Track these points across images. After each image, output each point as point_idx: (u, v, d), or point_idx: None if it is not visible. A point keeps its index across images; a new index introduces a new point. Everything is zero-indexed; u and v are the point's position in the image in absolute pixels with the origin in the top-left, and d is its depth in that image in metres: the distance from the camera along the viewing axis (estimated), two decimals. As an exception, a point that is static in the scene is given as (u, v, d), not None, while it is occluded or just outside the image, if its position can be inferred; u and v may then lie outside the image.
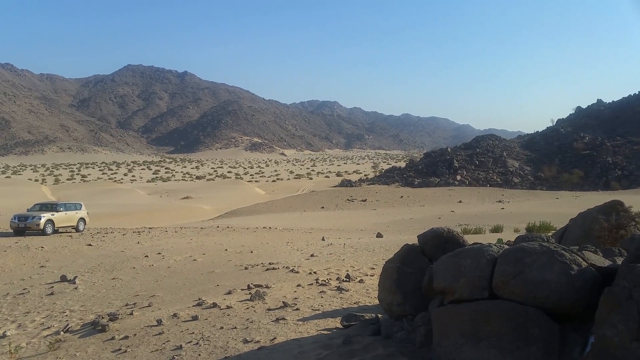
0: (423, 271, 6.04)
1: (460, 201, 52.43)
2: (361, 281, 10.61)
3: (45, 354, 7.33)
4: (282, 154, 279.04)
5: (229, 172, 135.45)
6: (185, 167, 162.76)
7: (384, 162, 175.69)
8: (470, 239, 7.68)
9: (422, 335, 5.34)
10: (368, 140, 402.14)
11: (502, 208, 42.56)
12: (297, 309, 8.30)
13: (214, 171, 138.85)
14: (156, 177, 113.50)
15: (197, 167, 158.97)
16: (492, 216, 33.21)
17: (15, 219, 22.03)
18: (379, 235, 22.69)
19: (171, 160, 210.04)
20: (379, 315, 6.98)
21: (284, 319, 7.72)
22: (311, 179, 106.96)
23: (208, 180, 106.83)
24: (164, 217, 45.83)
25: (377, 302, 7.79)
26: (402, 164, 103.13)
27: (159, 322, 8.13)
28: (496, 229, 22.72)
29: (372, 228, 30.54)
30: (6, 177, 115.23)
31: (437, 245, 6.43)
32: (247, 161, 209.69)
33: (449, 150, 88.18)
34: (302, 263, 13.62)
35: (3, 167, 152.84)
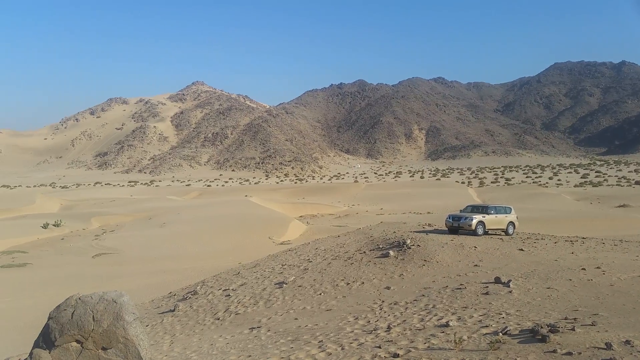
0: None
1: None
2: None
3: (486, 351, 7.82)
4: None
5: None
6: (620, 170, 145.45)
7: None
8: None
9: None
10: None
11: None
12: None
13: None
14: (585, 182, 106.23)
15: (636, 171, 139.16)
16: None
17: (449, 218, 25.10)
18: None
19: (602, 162, 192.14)
20: None
21: None
22: None
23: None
24: (596, 227, 42.16)
25: None
26: None
27: (608, 346, 7.36)
28: None
29: None
30: (436, 179, 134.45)
31: None
32: None
33: None
34: None
35: (434, 170, 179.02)
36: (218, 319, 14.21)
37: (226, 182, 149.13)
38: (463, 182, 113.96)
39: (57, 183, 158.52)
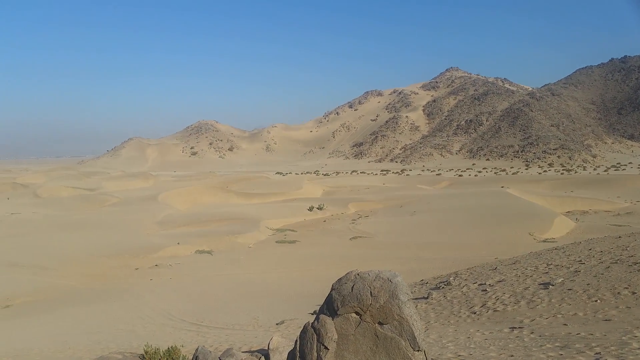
0: None
1: None
2: None
3: None
4: None
5: None
6: None
7: None
8: None
9: None
10: None
11: None
12: None
13: None
14: None
15: None
16: None
17: None
18: None
19: None
20: None
21: None
22: None
23: None
24: None
25: None
26: None
27: None
28: None
29: None
30: None
31: None
32: None
33: None
34: None
35: None
36: (474, 312, 13.98)
37: (479, 172, 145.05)
38: None
39: (320, 171, 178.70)
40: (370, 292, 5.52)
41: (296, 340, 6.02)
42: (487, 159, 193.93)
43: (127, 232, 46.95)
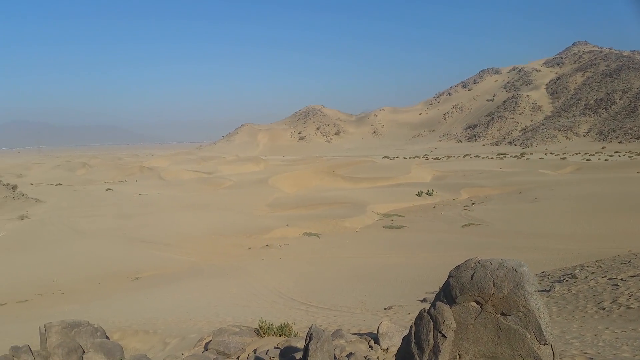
0: None
1: None
2: None
3: None
4: None
5: None
6: None
7: None
8: None
9: None
10: None
11: None
12: None
13: None
14: None
15: None
16: None
17: None
18: None
19: None
20: None
21: None
22: None
23: None
24: None
25: None
26: None
27: None
28: None
29: None
30: None
31: None
32: None
33: None
34: None
35: None
36: (603, 309, 12.94)
37: (610, 155, 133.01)
38: None
39: (429, 155, 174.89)
40: (493, 281, 5.28)
41: (411, 326, 5.96)
42: (620, 142, 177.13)
43: (241, 213, 49.58)
